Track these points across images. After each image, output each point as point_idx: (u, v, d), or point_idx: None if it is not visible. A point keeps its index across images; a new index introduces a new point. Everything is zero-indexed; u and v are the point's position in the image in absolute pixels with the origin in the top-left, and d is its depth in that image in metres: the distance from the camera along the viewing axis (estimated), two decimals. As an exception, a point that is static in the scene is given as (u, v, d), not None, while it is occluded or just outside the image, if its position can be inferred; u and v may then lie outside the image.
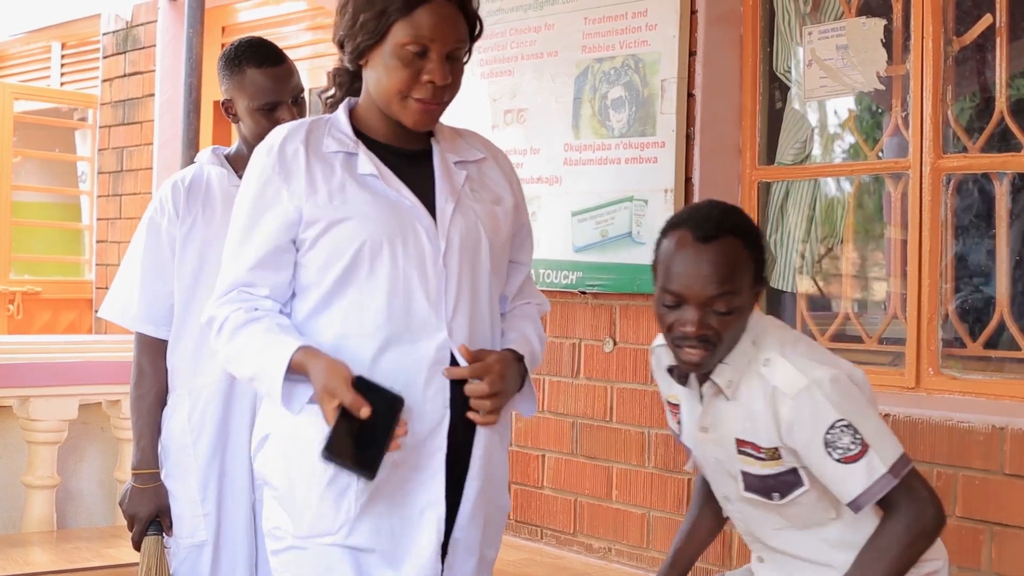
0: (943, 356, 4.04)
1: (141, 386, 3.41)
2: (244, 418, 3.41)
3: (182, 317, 3.40)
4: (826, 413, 2.46)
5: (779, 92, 4.60)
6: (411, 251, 2.43)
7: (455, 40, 2.44)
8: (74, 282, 8.86)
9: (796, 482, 2.53)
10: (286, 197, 2.42)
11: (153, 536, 3.37)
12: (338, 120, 2.52)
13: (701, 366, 2.52)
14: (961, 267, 4.12)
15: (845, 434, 2.47)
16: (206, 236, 3.38)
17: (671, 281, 2.50)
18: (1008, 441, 3.60)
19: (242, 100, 3.34)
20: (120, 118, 8.09)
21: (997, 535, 3.63)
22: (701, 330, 2.47)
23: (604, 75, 4.71)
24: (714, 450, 2.61)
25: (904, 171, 4.16)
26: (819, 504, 2.55)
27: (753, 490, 2.56)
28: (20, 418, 5.21)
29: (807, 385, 2.46)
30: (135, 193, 7.88)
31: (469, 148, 2.64)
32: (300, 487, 2.47)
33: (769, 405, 2.49)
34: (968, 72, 4.21)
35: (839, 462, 2.45)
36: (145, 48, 7.86)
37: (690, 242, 2.49)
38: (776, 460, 2.52)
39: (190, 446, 3.39)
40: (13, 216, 8.66)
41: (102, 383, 5.32)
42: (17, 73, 9.85)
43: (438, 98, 2.48)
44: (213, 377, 3.37)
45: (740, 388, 2.54)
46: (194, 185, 3.40)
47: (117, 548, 4.89)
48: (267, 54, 3.32)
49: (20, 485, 5.26)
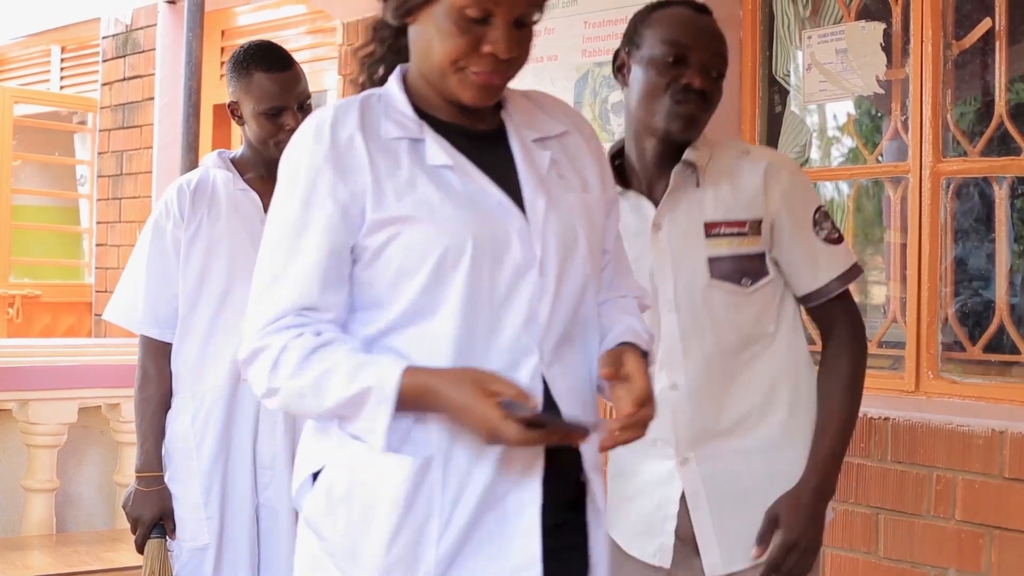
0: (943, 360, 4.04)
1: (146, 389, 3.42)
2: (247, 422, 3.42)
3: (186, 321, 3.41)
4: (814, 195, 2.72)
5: (778, 96, 4.60)
6: (502, 259, 1.95)
7: (526, 3, 1.96)
8: (74, 286, 8.86)
9: (763, 269, 2.61)
10: (345, 195, 1.93)
11: (156, 539, 3.38)
12: (393, 97, 2.03)
13: (695, 126, 2.62)
14: (961, 271, 4.12)
15: (827, 219, 2.65)
16: (211, 240, 3.39)
17: (680, 34, 2.62)
18: (1008, 445, 3.60)
19: (248, 103, 3.35)
20: (120, 122, 8.09)
21: (997, 539, 3.63)
22: (706, 83, 2.61)
23: (604, 79, 4.71)
24: (667, 248, 2.61)
25: (904, 175, 4.16)
26: (767, 309, 2.62)
27: (722, 275, 2.59)
28: (19, 421, 5.21)
29: (799, 167, 2.61)
30: (135, 197, 7.88)
31: (549, 120, 2.16)
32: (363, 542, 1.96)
33: (762, 179, 2.61)
34: (968, 76, 4.21)
35: (824, 240, 2.62)
36: (145, 52, 7.86)
37: (691, 12, 2.68)
38: (756, 236, 2.59)
39: (193, 450, 3.40)
40: (12, 220, 8.67)
41: (102, 387, 5.33)
42: (17, 77, 9.85)
43: (501, 72, 2.01)
44: (217, 381, 3.38)
45: (709, 174, 2.63)
46: (200, 188, 3.42)
47: (116, 552, 4.89)
48: (275, 59, 3.34)
49: (19, 489, 5.27)
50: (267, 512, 3.47)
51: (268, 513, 3.47)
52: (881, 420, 3.89)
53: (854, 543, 3.96)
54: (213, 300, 3.39)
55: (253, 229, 3.42)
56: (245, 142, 3.47)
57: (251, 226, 3.42)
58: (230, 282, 3.39)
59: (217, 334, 3.39)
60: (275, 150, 3.34)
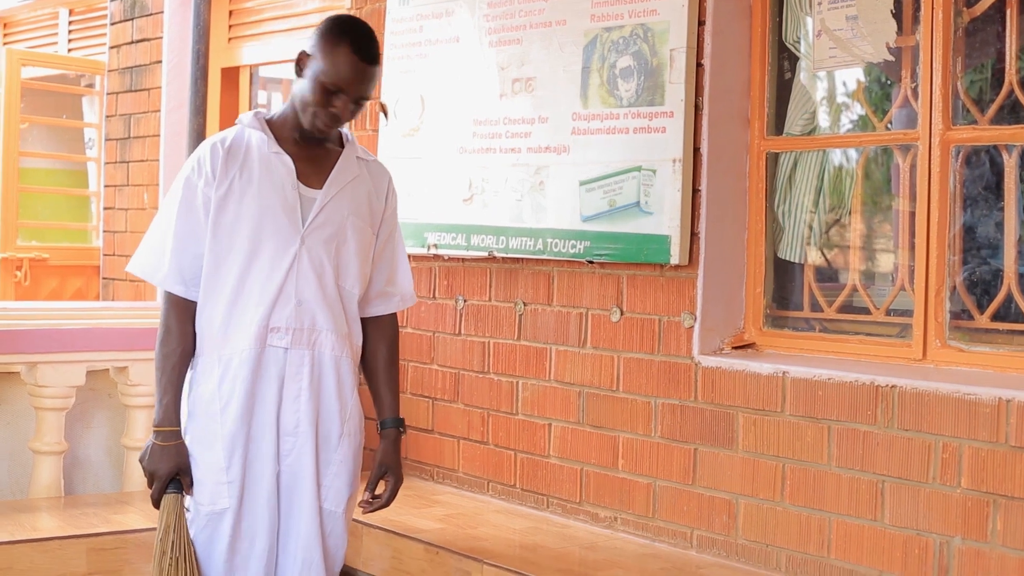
0: (950, 328, 4.04)
1: (167, 344, 3.43)
2: (272, 388, 3.45)
3: (211, 281, 3.43)
4: None
5: (788, 62, 4.58)
6: None
7: None
8: (81, 248, 8.87)
9: None
10: None
11: (173, 494, 3.39)
12: None
13: None
14: (969, 239, 4.12)
15: None
16: (241, 201, 3.41)
17: None
18: (1014, 413, 3.60)
19: (319, 65, 3.42)
20: (127, 85, 8.08)
21: (1002, 507, 3.63)
22: None
23: (613, 44, 4.69)
24: None
25: (913, 143, 4.15)
26: None
27: None
28: (28, 384, 5.22)
29: None
30: (142, 160, 7.88)
31: None
32: None
33: None
34: (978, 44, 4.19)
35: None
36: (153, 15, 7.85)
37: None
38: None
39: (218, 413, 3.41)
40: (20, 183, 8.67)
41: (110, 349, 5.34)
42: (25, 39, 9.84)
43: None
44: (243, 345, 3.41)
45: None
46: (233, 148, 3.45)
47: (124, 514, 4.91)
48: (367, 48, 3.44)
49: (28, 451, 5.29)
50: (287, 478, 3.49)
51: (288, 480, 3.49)
52: (888, 388, 3.90)
53: (860, 510, 3.97)
54: (240, 262, 3.41)
55: (285, 193, 3.45)
56: (289, 101, 3.50)
57: (282, 190, 3.44)
58: (257, 244, 3.40)
59: (243, 297, 3.41)
60: (307, 118, 3.43)
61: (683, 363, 4.50)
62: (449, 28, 5.41)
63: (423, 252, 5.40)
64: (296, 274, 3.45)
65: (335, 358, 3.54)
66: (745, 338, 4.52)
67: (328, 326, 3.52)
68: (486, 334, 5.26)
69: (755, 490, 4.26)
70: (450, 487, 5.40)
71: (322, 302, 3.50)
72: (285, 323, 3.45)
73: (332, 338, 3.53)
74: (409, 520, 4.78)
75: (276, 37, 7.13)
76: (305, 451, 3.47)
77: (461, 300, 5.37)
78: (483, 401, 5.27)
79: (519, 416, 5.10)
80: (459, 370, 5.39)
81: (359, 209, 3.61)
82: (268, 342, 3.43)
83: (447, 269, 5.44)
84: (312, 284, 3.48)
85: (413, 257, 5.54)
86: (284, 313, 3.45)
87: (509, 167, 5.05)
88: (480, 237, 5.15)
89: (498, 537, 4.60)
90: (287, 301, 3.45)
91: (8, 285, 8.45)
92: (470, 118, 5.25)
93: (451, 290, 5.43)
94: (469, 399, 5.34)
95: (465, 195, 5.23)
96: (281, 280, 3.44)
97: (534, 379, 5.04)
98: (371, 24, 5.79)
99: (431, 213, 5.37)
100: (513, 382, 5.13)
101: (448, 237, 5.29)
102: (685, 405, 4.49)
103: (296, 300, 3.46)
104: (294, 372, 3.47)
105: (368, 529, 4.70)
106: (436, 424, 5.50)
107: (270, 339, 3.43)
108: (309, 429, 3.48)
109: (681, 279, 4.51)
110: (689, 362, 4.48)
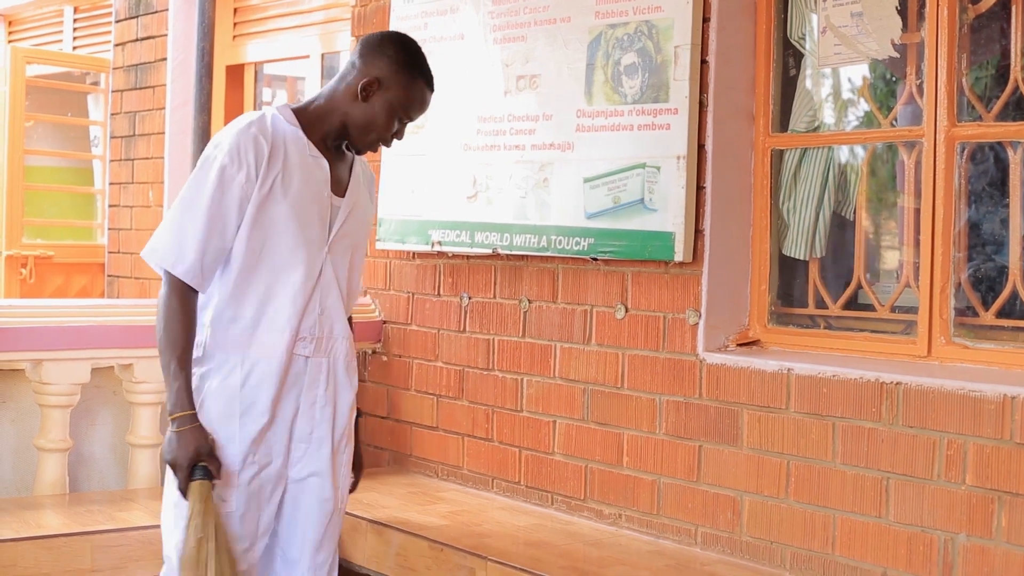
0: (955, 325, 4.04)
1: (173, 330, 3.32)
2: (291, 395, 3.44)
3: (244, 278, 3.37)
4: None
5: (793, 59, 4.58)
6: None
7: None
8: (86, 246, 8.87)
9: None
10: None
11: (200, 480, 3.28)
12: None
13: None
14: (974, 236, 4.11)
15: None
16: (281, 207, 3.36)
17: None
18: (1019, 410, 3.60)
19: (394, 95, 3.47)
20: (133, 82, 8.09)
21: (1007, 504, 3.63)
22: None
23: (617, 41, 4.69)
24: None
25: (918, 139, 4.15)
26: None
27: None
28: (33, 381, 5.22)
29: None
30: (147, 157, 7.89)
31: None
32: None
33: None
34: (983, 40, 4.18)
35: None
36: (158, 12, 7.85)
37: None
38: None
39: (237, 415, 3.38)
40: (26, 180, 8.67)
41: (115, 347, 5.33)
42: (30, 37, 9.84)
43: None
44: (275, 352, 3.38)
45: None
46: (275, 147, 3.36)
47: (129, 511, 4.91)
48: (433, 82, 3.57)
49: (32, 448, 5.29)
50: (293, 484, 3.49)
51: (294, 485, 3.50)
52: (893, 385, 3.89)
53: (864, 507, 3.96)
54: (276, 266, 3.37)
55: (321, 201, 3.43)
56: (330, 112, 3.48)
57: (319, 197, 3.43)
58: (295, 250, 3.38)
59: (275, 300, 3.38)
60: (367, 140, 3.50)
61: (688, 360, 4.50)
62: (454, 25, 5.41)
63: (427, 249, 5.40)
64: (322, 283, 3.46)
65: (346, 364, 3.57)
66: (750, 335, 4.52)
67: (343, 333, 3.55)
68: (490, 331, 5.26)
69: (760, 487, 4.26)
70: (454, 484, 5.40)
71: (339, 310, 3.53)
72: (310, 332, 3.46)
73: (345, 345, 3.57)
74: (413, 517, 4.78)
75: (281, 34, 7.13)
76: (315, 457, 3.49)
77: (465, 297, 5.37)
78: (487, 398, 5.27)
79: (523, 413, 5.10)
80: (463, 367, 5.39)
81: (364, 216, 3.64)
82: (295, 351, 3.43)
83: (451, 266, 5.44)
84: (333, 293, 3.50)
85: (418, 254, 5.56)
86: (310, 322, 3.46)
87: (513, 164, 5.05)
88: (484, 234, 5.14)
89: (502, 534, 4.60)
90: (313, 310, 3.46)
91: (13, 282, 8.45)
92: (474, 115, 5.25)
93: (455, 287, 5.43)
94: (473, 396, 5.34)
95: (469, 192, 5.23)
96: (311, 289, 3.44)
97: (538, 376, 5.04)
98: (376, 21, 5.81)
99: (435, 210, 5.37)
100: (517, 379, 5.13)
101: (452, 234, 5.29)
102: (690, 402, 4.48)
103: (320, 309, 3.46)
104: (312, 381, 3.48)
105: (373, 526, 4.70)
106: (440, 421, 5.50)
107: (297, 347, 3.43)
108: (327, 435, 3.50)
109: (686, 276, 4.51)
110: (694, 359, 4.48)
